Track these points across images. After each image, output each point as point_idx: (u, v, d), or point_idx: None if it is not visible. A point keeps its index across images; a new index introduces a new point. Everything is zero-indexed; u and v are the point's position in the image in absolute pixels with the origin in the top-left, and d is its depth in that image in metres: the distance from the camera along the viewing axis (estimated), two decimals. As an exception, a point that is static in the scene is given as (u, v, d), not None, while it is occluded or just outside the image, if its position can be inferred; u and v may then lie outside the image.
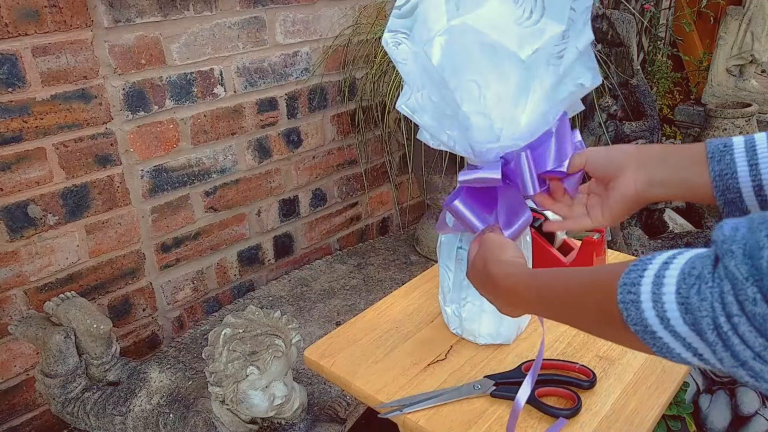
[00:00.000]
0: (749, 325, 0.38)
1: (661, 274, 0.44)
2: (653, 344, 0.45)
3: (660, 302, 0.43)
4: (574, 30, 0.68)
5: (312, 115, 1.93)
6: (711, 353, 0.41)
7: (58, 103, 1.37)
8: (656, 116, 2.35)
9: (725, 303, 0.39)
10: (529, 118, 0.71)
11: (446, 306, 0.91)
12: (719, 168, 0.60)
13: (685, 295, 0.41)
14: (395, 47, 0.75)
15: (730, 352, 0.39)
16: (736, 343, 0.39)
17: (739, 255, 0.38)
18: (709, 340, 0.40)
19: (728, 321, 0.39)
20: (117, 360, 1.32)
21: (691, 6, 3.42)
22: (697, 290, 0.41)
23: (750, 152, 0.59)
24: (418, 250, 2.12)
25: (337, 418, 1.35)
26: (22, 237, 1.38)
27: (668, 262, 0.44)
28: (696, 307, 0.41)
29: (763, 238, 0.37)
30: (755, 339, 0.38)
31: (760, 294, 0.37)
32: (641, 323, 0.45)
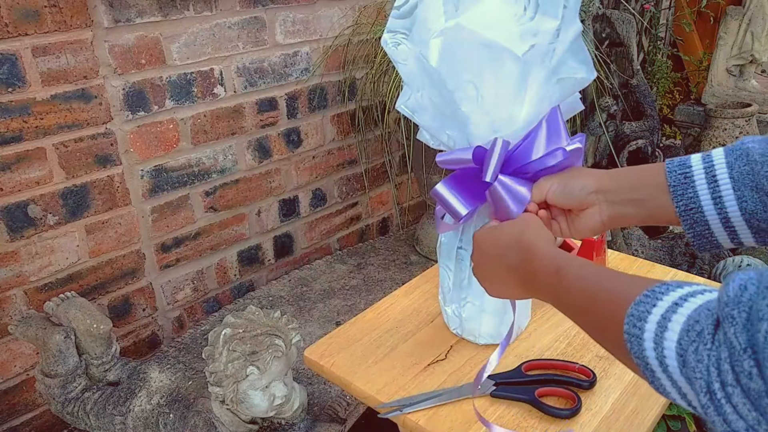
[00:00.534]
0: (744, 398, 0.36)
1: (667, 317, 0.42)
2: (651, 381, 0.44)
3: (661, 347, 0.42)
4: (565, 24, 0.69)
5: (312, 115, 1.93)
6: (703, 412, 0.40)
7: (58, 103, 1.37)
8: (656, 116, 2.35)
9: (721, 370, 0.37)
10: (527, 115, 0.71)
11: (446, 306, 0.91)
12: (683, 203, 0.58)
13: (684, 348, 0.40)
14: (395, 47, 0.75)
15: (722, 419, 0.38)
16: (729, 412, 0.37)
17: (740, 323, 0.36)
18: (702, 402, 0.39)
19: (722, 389, 0.37)
20: (117, 360, 1.32)
21: (691, 6, 3.42)
22: (695, 349, 0.39)
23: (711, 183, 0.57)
24: (418, 250, 2.12)
25: (337, 418, 1.35)
26: (22, 237, 1.38)
27: (678, 304, 0.42)
28: (692, 366, 0.39)
29: (765, 307, 0.35)
30: (749, 412, 0.36)
31: (756, 369, 0.35)
32: (642, 359, 0.44)
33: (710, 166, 0.58)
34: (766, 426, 0.36)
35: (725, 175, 0.57)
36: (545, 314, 0.96)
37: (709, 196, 0.57)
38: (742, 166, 0.56)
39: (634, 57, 2.29)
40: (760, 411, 0.35)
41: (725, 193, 0.56)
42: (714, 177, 0.57)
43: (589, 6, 2.13)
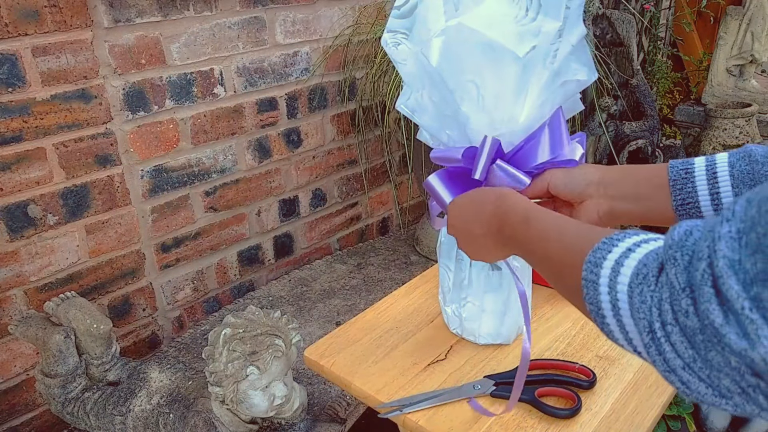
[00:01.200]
0: (681, 336, 0.37)
1: (620, 262, 0.44)
2: (602, 327, 0.46)
3: (614, 290, 0.43)
4: (568, 25, 0.69)
5: (312, 115, 1.93)
6: (646, 353, 0.41)
7: (58, 103, 1.37)
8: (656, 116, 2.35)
9: (662, 310, 0.39)
10: (528, 116, 0.71)
11: (446, 306, 0.91)
12: (681, 197, 0.59)
13: (633, 291, 0.42)
14: (395, 47, 0.75)
15: (662, 357, 0.39)
16: (668, 350, 0.39)
17: (682, 264, 0.37)
18: (645, 341, 0.40)
19: (662, 328, 0.39)
20: (117, 360, 1.32)
21: (691, 6, 3.42)
22: (640, 291, 0.41)
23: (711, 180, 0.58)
24: (418, 250, 2.12)
25: (337, 418, 1.35)
26: (22, 237, 1.38)
27: (631, 249, 0.44)
28: (637, 307, 0.41)
29: (704, 248, 0.36)
30: (685, 350, 0.37)
31: (693, 307, 0.36)
32: (595, 304, 0.45)
33: (712, 165, 0.59)
34: (701, 364, 0.37)
35: (726, 173, 0.58)
36: (545, 314, 0.96)
37: (707, 192, 0.58)
38: (743, 165, 0.57)
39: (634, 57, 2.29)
40: (696, 348, 0.37)
41: (723, 190, 0.57)
42: (714, 174, 0.58)
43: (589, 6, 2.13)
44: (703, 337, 0.36)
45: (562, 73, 0.71)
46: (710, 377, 0.37)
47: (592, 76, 0.72)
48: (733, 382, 0.36)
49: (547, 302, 0.99)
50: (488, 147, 0.69)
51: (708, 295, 0.35)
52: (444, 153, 0.74)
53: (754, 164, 0.56)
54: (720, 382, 0.37)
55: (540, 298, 1.00)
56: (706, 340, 0.36)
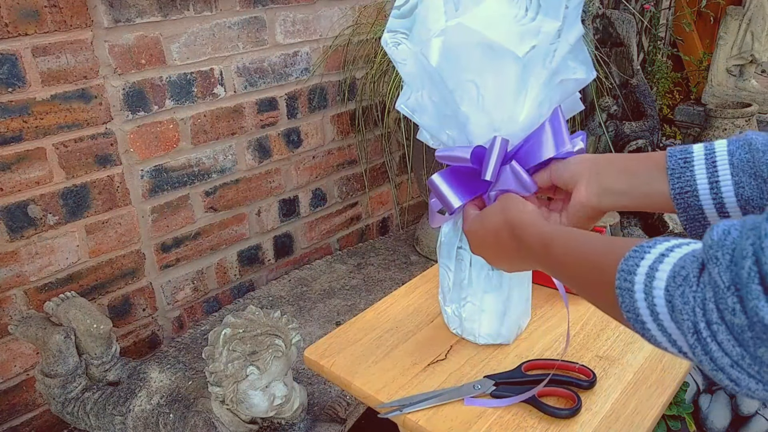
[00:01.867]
0: (728, 334, 0.37)
1: (655, 267, 0.44)
2: (643, 333, 0.46)
3: (651, 296, 0.43)
4: (566, 25, 0.69)
5: (312, 115, 1.93)
6: (692, 354, 0.41)
7: (58, 103, 1.37)
8: (656, 116, 2.35)
9: (706, 310, 0.39)
10: (527, 115, 0.71)
11: (446, 306, 0.91)
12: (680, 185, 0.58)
13: (672, 294, 0.41)
14: (395, 47, 0.75)
15: (708, 357, 0.39)
16: (715, 350, 0.39)
17: (724, 263, 0.37)
18: (690, 342, 0.40)
19: (708, 328, 0.39)
20: (117, 360, 1.32)
21: (691, 6, 3.42)
22: (681, 293, 0.41)
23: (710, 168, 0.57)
24: (418, 250, 2.12)
25: (337, 418, 1.35)
26: (22, 237, 1.38)
27: (665, 254, 0.44)
28: (679, 309, 0.41)
29: (748, 246, 0.36)
30: (733, 348, 0.37)
31: (740, 305, 0.36)
32: (633, 311, 0.45)
33: (711, 153, 0.58)
34: (750, 360, 0.37)
35: (725, 161, 0.57)
36: (545, 314, 0.96)
37: (706, 180, 0.57)
38: (743, 154, 0.56)
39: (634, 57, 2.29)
40: (744, 346, 0.37)
41: (723, 178, 0.56)
42: (714, 162, 0.57)
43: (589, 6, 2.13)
44: (752, 334, 0.36)
45: (561, 72, 0.71)
46: (760, 373, 0.37)
47: (591, 75, 0.72)
48: None
49: (547, 302, 0.99)
50: (498, 147, 0.69)
51: (756, 293, 0.35)
52: (450, 152, 0.74)
53: (754, 152, 0.56)
54: None
55: (540, 298, 1.00)
56: (756, 337, 0.36)
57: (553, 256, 0.57)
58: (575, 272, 0.54)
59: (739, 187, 0.56)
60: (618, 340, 0.89)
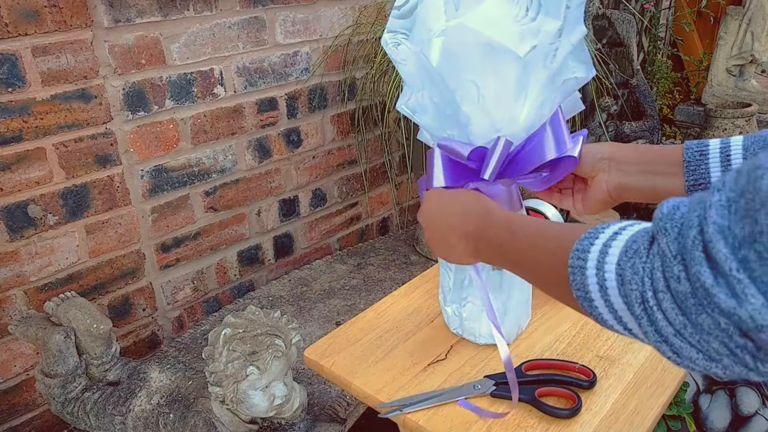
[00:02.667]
0: (672, 302, 0.39)
1: (608, 244, 0.45)
2: (590, 311, 0.46)
3: (602, 271, 0.44)
4: (568, 26, 0.69)
5: (312, 115, 1.93)
6: (638, 327, 0.42)
7: (58, 103, 1.37)
8: (656, 116, 2.35)
9: (654, 279, 0.40)
10: (528, 115, 0.71)
11: (446, 306, 0.91)
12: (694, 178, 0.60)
13: (623, 267, 0.42)
14: (395, 48, 0.75)
15: (653, 327, 0.40)
16: (660, 319, 0.40)
17: (672, 233, 0.39)
18: (636, 313, 0.42)
19: (654, 296, 0.40)
20: (117, 360, 1.32)
21: (691, 6, 3.42)
22: (632, 264, 0.42)
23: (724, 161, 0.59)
24: (418, 250, 2.12)
25: (337, 418, 1.35)
26: (22, 237, 1.38)
27: (618, 233, 0.45)
28: (628, 280, 0.42)
29: (694, 218, 0.37)
30: (676, 316, 0.39)
31: (684, 272, 0.37)
32: (583, 289, 0.46)
33: (726, 147, 0.60)
34: (691, 329, 0.38)
35: (739, 156, 0.58)
36: (545, 314, 0.96)
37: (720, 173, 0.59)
38: (757, 149, 0.58)
39: (634, 57, 2.29)
40: (686, 314, 0.38)
41: None
42: (728, 156, 0.59)
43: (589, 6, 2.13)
44: (695, 300, 0.37)
45: (561, 72, 0.71)
46: (700, 342, 0.38)
47: (590, 73, 0.73)
48: (721, 344, 0.37)
49: (547, 302, 0.99)
50: (501, 148, 0.70)
51: (699, 259, 0.36)
52: (452, 144, 0.74)
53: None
54: (709, 345, 0.38)
55: (540, 298, 1.00)
56: (697, 304, 0.37)
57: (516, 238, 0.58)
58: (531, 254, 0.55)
59: None
60: (618, 340, 0.89)
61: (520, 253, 0.57)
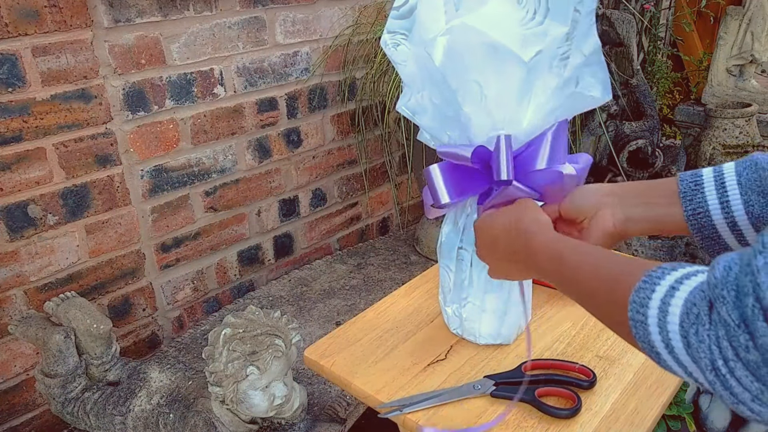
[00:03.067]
0: (745, 370, 0.38)
1: (667, 301, 0.44)
2: (658, 362, 0.46)
3: (665, 330, 0.44)
4: (579, 32, 0.68)
5: (312, 115, 1.93)
6: (711, 389, 0.42)
7: (58, 103, 1.37)
8: (656, 116, 2.35)
9: (721, 348, 0.39)
10: (532, 120, 0.71)
11: (446, 306, 0.91)
12: (692, 207, 0.60)
13: (686, 331, 0.42)
14: (394, 48, 0.75)
15: (729, 392, 0.40)
16: (734, 385, 0.39)
17: (730, 301, 0.38)
18: (709, 378, 0.41)
19: (725, 365, 0.39)
20: (117, 360, 1.32)
21: (691, 6, 3.42)
22: (695, 332, 0.41)
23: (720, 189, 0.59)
24: (418, 250, 2.12)
25: (337, 418, 1.35)
26: (22, 237, 1.38)
27: (675, 287, 0.44)
28: (695, 347, 0.41)
29: (748, 283, 0.37)
30: (751, 383, 0.38)
31: (751, 342, 0.37)
32: (648, 343, 0.46)
33: (720, 175, 0.60)
34: None
35: (733, 182, 0.59)
36: (545, 314, 0.96)
37: (717, 201, 0.59)
38: (750, 174, 0.59)
39: (634, 57, 2.29)
40: (762, 381, 0.38)
41: (732, 198, 0.59)
42: (723, 184, 0.60)
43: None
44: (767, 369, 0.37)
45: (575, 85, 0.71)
46: None
47: (606, 96, 0.72)
48: None
49: (547, 302, 0.99)
50: (505, 145, 0.69)
51: (762, 330, 0.36)
52: (452, 149, 0.74)
53: (760, 171, 0.58)
54: None
55: (540, 298, 1.00)
56: None
57: (563, 271, 0.58)
58: (586, 290, 0.55)
59: (749, 206, 0.58)
60: (618, 340, 0.89)
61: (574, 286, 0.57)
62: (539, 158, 0.69)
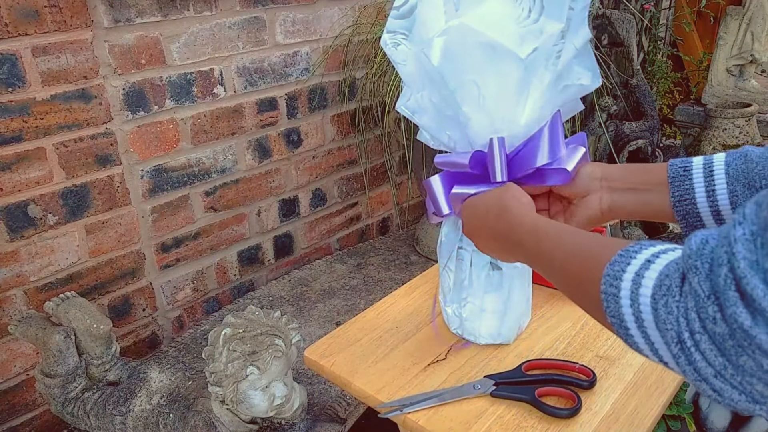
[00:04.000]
0: (711, 344, 0.38)
1: (641, 274, 0.44)
2: (625, 339, 0.46)
3: (636, 302, 0.43)
4: (572, 28, 0.68)
5: (312, 115, 1.93)
6: (675, 364, 0.41)
7: (58, 103, 1.37)
8: (656, 116, 2.35)
9: (689, 319, 0.39)
10: (529, 117, 0.71)
11: (446, 306, 0.91)
12: (679, 194, 0.61)
13: (657, 302, 0.42)
14: (394, 48, 0.75)
15: (692, 367, 0.39)
16: (698, 359, 0.39)
17: (703, 272, 0.38)
18: (673, 352, 0.41)
19: (691, 337, 0.39)
20: (117, 360, 1.32)
21: (691, 6, 3.42)
22: (665, 303, 0.41)
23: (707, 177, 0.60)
24: (418, 250, 2.12)
25: (337, 418, 1.35)
26: (22, 237, 1.38)
27: (650, 261, 0.44)
28: (663, 319, 0.41)
29: (723, 254, 0.36)
30: (716, 358, 0.38)
31: (720, 313, 0.36)
32: (618, 317, 0.45)
33: (709, 164, 0.61)
34: (732, 371, 0.37)
35: (722, 172, 0.60)
36: (545, 314, 0.96)
37: (704, 189, 0.60)
38: (739, 164, 0.59)
39: (634, 57, 2.29)
40: (726, 355, 0.37)
41: (719, 188, 0.59)
42: (711, 172, 0.60)
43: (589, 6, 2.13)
44: (733, 342, 0.36)
45: (565, 76, 0.71)
46: (742, 383, 0.37)
47: (596, 82, 0.72)
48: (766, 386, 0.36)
49: (547, 302, 0.99)
50: (498, 147, 0.70)
51: (733, 299, 0.35)
52: (449, 158, 0.74)
53: (749, 163, 0.58)
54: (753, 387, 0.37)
55: (540, 298, 1.00)
56: (737, 345, 0.36)
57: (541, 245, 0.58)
58: (562, 268, 0.55)
59: (734, 196, 0.58)
60: (618, 340, 0.88)
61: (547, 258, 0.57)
62: (540, 153, 0.70)
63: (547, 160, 0.69)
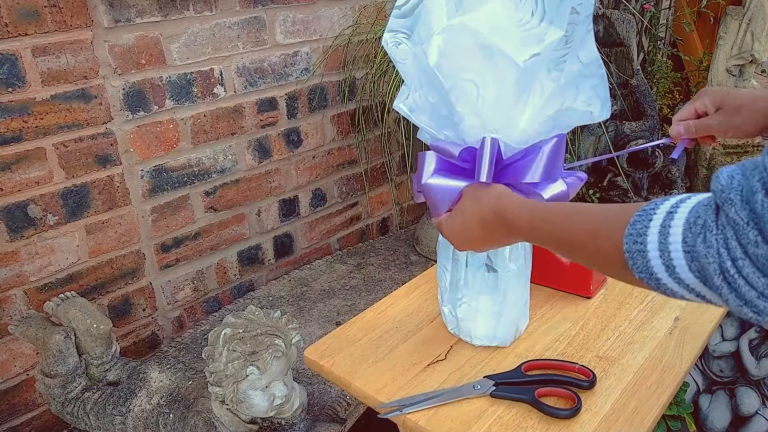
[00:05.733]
0: (752, 267, 0.40)
1: (667, 224, 0.46)
2: (657, 288, 0.48)
3: (666, 251, 0.45)
4: (576, 36, 0.68)
5: (312, 115, 1.93)
6: (716, 296, 0.43)
7: (58, 103, 1.37)
8: (656, 116, 2.35)
9: (729, 248, 0.41)
10: (529, 123, 0.71)
11: (443, 306, 0.91)
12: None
13: (691, 243, 0.43)
14: (395, 47, 0.75)
15: (735, 293, 0.41)
16: (742, 284, 0.41)
17: (738, 202, 0.40)
18: (716, 284, 0.42)
19: (734, 265, 0.41)
20: (117, 360, 1.32)
21: (691, 6, 3.42)
22: (702, 239, 0.43)
23: None
24: (418, 250, 2.12)
25: (337, 418, 1.35)
26: (22, 237, 1.38)
27: (672, 212, 0.46)
28: (703, 254, 0.43)
29: (756, 183, 0.39)
30: (758, 279, 0.40)
31: (761, 236, 0.39)
32: (647, 271, 0.47)
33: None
34: None
35: None
36: (545, 314, 0.96)
37: None
38: None
39: (634, 57, 2.29)
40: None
41: None
42: None
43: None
44: None
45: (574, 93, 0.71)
46: None
47: (604, 114, 0.73)
48: None
49: (547, 302, 0.99)
50: (489, 147, 0.69)
51: None
52: (443, 144, 0.75)
53: None
54: None
55: (540, 298, 1.00)
56: None
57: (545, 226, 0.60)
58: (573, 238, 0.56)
59: None
60: (618, 340, 0.89)
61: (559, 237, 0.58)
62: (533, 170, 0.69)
63: (538, 179, 0.69)
